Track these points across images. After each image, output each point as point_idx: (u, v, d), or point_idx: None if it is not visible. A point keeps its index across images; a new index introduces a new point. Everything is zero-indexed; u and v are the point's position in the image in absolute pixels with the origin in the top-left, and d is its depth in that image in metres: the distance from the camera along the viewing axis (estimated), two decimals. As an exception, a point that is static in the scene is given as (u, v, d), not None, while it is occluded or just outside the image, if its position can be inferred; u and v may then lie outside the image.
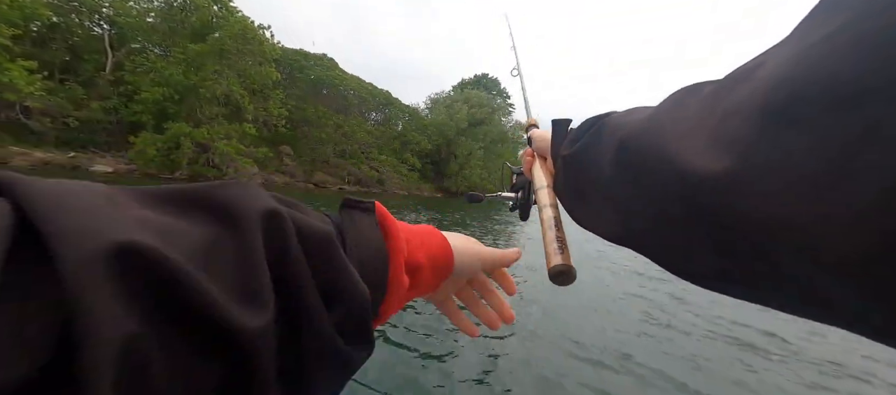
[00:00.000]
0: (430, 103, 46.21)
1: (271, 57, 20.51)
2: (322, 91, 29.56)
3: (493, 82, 52.86)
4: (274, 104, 21.44)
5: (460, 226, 13.12)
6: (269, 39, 21.05)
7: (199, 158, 18.17)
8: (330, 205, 2.79)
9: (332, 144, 27.58)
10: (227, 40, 17.83)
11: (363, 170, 28.86)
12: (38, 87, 13.96)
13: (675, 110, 0.26)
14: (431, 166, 39.05)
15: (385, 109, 36.97)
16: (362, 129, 30.30)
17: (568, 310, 5.01)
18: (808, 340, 4.71)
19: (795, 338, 4.68)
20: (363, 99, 32.31)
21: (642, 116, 0.30)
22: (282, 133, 23.25)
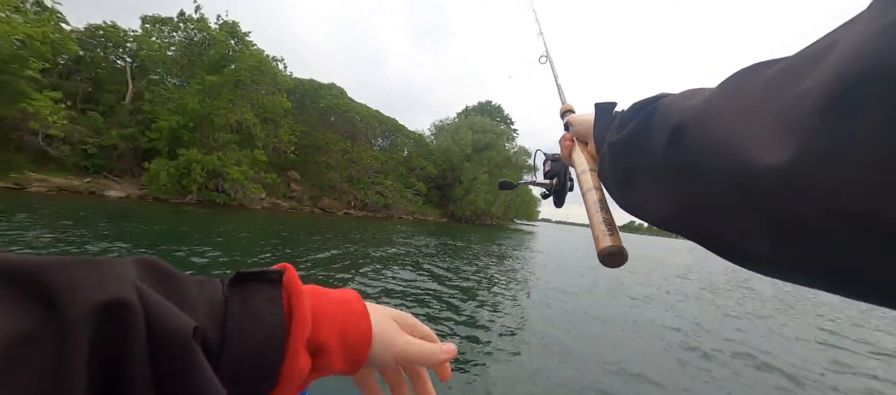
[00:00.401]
0: (436, 129, 47.16)
1: (284, 87, 21.31)
2: (331, 118, 30.39)
3: (496, 109, 54.07)
4: (284, 131, 22.08)
5: (464, 251, 13.09)
6: (282, 71, 21.95)
7: (209, 183, 18.56)
8: (333, 230, 2.97)
9: (339, 170, 28.05)
10: (242, 72, 18.65)
11: (369, 195, 29.13)
12: (62, 116, 14.58)
13: (736, 94, 0.24)
14: (437, 191, 39.35)
15: (392, 136, 37.77)
16: (369, 154, 30.86)
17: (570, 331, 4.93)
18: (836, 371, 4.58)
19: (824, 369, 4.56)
20: (370, 125, 33.10)
21: (699, 99, 0.28)
22: (291, 159, 23.78)
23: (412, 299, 5.88)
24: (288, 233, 12.00)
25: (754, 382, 4.14)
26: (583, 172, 0.51)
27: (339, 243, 10.92)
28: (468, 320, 5.18)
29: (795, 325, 7.04)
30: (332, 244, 10.42)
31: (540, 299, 6.90)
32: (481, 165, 40.65)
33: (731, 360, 4.76)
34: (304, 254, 8.21)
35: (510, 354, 4.12)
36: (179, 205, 16.88)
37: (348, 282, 6.27)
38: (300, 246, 9.42)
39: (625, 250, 0.40)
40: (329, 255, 8.66)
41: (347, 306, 0.34)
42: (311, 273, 6.14)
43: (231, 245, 8.30)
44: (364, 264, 8.08)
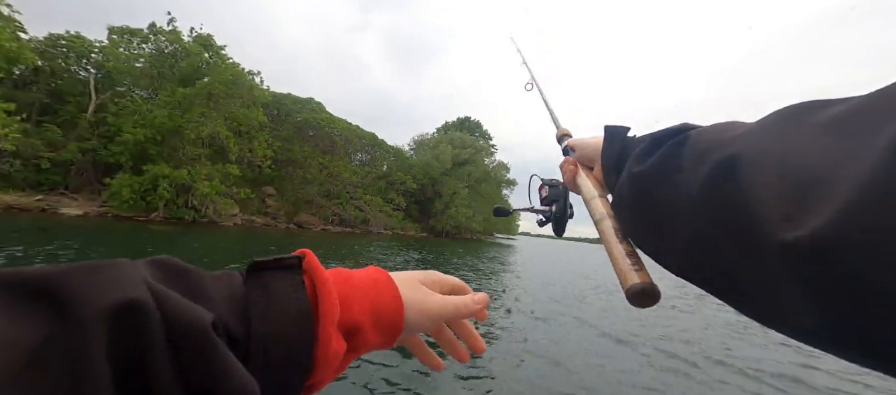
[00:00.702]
0: (415, 144, 47.38)
1: (260, 100, 20.93)
2: (309, 132, 29.97)
3: (475, 125, 55.06)
4: (259, 145, 21.55)
5: (444, 266, 13.03)
6: (259, 84, 21.60)
7: (177, 199, 17.74)
8: (308, 246, 2.96)
9: (316, 185, 27.53)
10: (216, 84, 18.20)
11: (348, 210, 28.66)
12: (15, 129, 13.66)
13: (792, 135, 0.21)
14: (416, 206, 39.23)
15: (371, 150, 37.59)
16: (348, 169, 30.51)
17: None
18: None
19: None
20: (349, 140, 32.86)
21: (742, 135, 0.25)
22: (266, 174, 23.16)
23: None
24: (260, 249, 11.59)
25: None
26: (592, 199, 0.48)
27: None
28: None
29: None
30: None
31: (528, 313, 6.94)
32: (461, 179, 40.99)
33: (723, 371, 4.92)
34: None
35: (507, 367, 4.11)
36: (144, 223, 16.00)
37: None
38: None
39: (656, 287, 0.35)
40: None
41: (374, 282, 0.34)
42: None
43: (195, 264, 7.79)
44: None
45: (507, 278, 11.84)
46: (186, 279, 0.24)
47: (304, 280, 0.28)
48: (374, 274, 0.35)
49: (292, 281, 0.28)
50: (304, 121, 28.26)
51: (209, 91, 18.19)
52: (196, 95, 18.22)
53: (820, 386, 4.48)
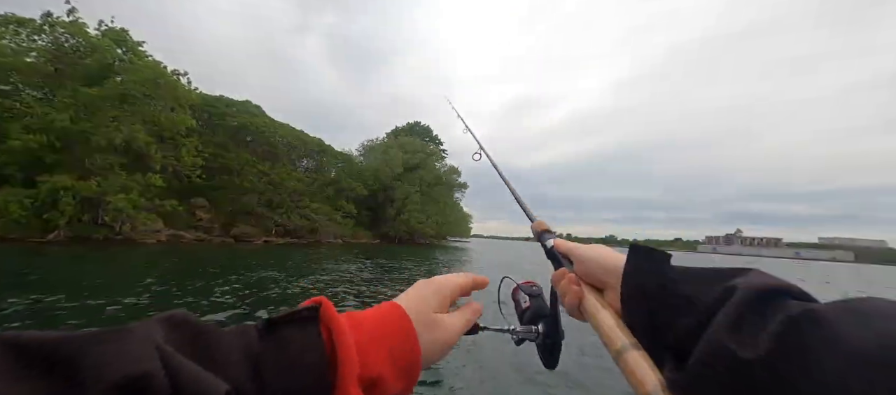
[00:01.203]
0: (365, 150, 46.32)
1: (187, 103, 19.01)
2: (246, 138, 27.86)
3: (425, 130, 55.32)
4: (187, 152, 19.52)
5: (397, 272, 12.88)
6: (185, 85, 19.62)
7: (83, 214, 15.41)
8: (246, 261, 2.78)
9: (256, 194, 25.65)
10: (131, 85, 16.18)
11: (293, 220, 27.08)
12: None
13: None
14: (368, 213, 38.29)
15: (317, 156, 35.98)
16: (292, 177, 28.87)
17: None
18: None
19: None
20: (293, 146, 31.14)
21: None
22: (196, 184, 21.04)
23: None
24: (187, 268, 10.47)
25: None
26: (610, 329, 0.38)
27: (252, 274, 9.88)
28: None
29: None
30: (241, 277, 9.37)
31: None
32: (413, 184, 40.86)
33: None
34: (202, 292, 7.14)
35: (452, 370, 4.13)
36: (40, 244, 13.65)
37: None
38: (198, 282, 8.22)
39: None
40: (232, 289, 7.75)
41: (390, 326, 0.32)
42: (208, 316, 5.38)
43: (101, 291, 6.49)
44: (279, 298, 7.43)
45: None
46: (202, 341, 0.23)
47: (321, 332, 0.27)
48: (388, 314, 0.33)
49: (309, 337, 0.27)
50: (241, 125, 26.23)
51: (122, 92, 16.11)
52: (106, 96, 16.02)
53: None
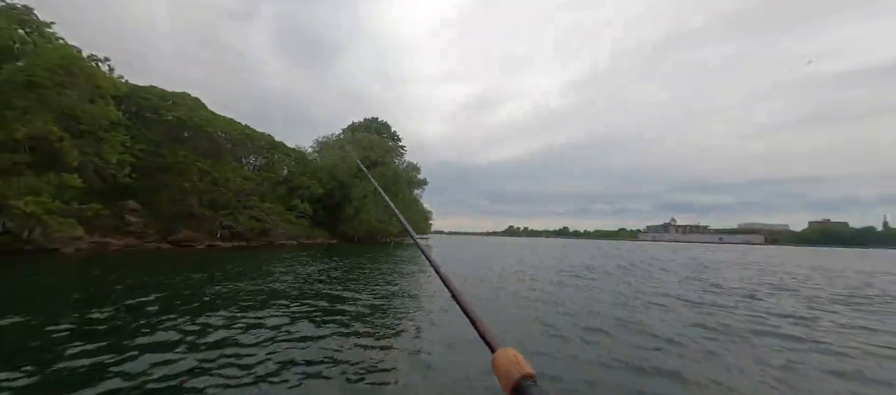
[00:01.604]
0: (319, 146, 44.41)
1: (109, 93, 16.89)
2: (184, 134, 25.40)
3: (383, 126, 54.18)
4: (111, 149, 17.35)
5: (358, 270, 12.56)
6: (105, 73, 17.40)
7: (-21, 223, 13.13)
8: (184, 268, 2.64)
9: (198, 195, 23.54)
10: (38, 71, 14.04)
11: (242, 221, 25.25)
12: None
13: None
14: (325, 212, 36.77)
15: (267, 153, 33.80)
16: (239, 175, 26.88)
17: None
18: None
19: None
20: (239, 142, 28.97)
21: None
22: (127, 185, 18.81)
23: (297, 339, 5.31)
24: (111, 280, 9.37)
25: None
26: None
27: (183, 283, 9.10)
28: (372, 337, 4.95)
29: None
30: (173, 287, 8.59)
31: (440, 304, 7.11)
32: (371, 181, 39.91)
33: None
34: (127, 308, 6.41)
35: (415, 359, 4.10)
36: (-84, 258, 11.42)
37: (195, 338, 5.26)
38: (122, 298, 7.40)
39: None
40: (154, 299, 7.09)
41: None
42: (129, 340, 4.50)
43: (5, 310, 5.37)
44: (223, 307, 6.94)
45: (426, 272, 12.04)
46: None
47: None
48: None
49: None
50: (178, 120, 23.86)
51: (27, 79, 13.93)
52: (5, 83, 13.74)
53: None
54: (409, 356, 4.26)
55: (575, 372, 3.85)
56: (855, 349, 4.89)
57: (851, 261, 27.97)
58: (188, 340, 4.51)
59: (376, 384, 3.51)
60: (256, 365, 3.83)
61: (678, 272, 14.86)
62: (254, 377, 3.54)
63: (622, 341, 4.98)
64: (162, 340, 4.48)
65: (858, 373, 4.06)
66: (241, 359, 3.97)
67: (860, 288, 11.32)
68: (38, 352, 3.96)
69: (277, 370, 3.72)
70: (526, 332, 5.37)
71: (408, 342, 4.78)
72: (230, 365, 3.79)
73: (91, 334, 4.62)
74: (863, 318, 6.92)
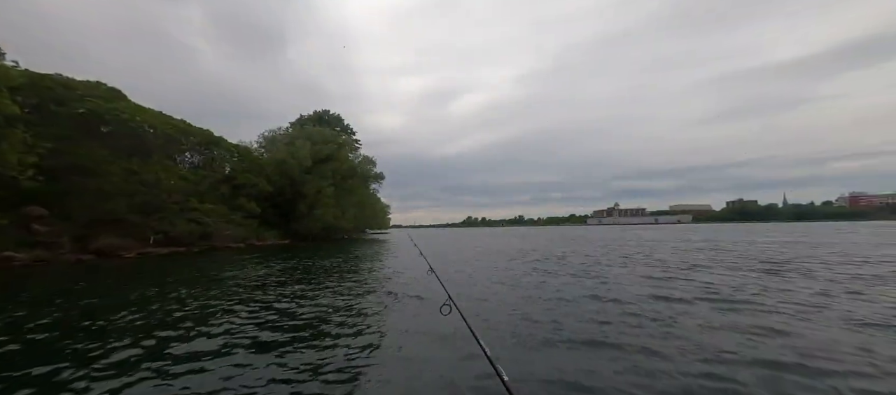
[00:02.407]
0: (265, 142, 41.68)
1: (4, 83, 14.44)
2: (101, 129, 22.47)
3: (335, 118, 52.12)
4: (10, 148, 14.88)
5: (315, 270, 12.18)
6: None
7: None
8: (100, 283, 2.61)
9: (123, 198, 21.04)
10: None
11: (179, 225, 23.08)
12: None
13: None
14: (274, 210, 34.74)
15: (205, 151, 31.05)
16: (173, 174, 24.47)
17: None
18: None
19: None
20: (171, 138, 26.29)
21: None
22: (31, 188, 16.29)
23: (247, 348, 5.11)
24: (14, 300, 8.24)
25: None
26: None
27: (101, 300, 8.31)
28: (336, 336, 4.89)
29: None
30: (84, 303, 7.83)
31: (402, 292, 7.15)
32: (325, 177, 38.37)
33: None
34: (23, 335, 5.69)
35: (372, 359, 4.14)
36: None
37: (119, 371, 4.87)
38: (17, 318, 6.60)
39: None
40: (59, 321, 6.46)
41: None
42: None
43: None
44: (146, 330, 6.47)
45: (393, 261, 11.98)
46: None
47: None
48: None
49: None
50: (93, 113, 21.06)
51: None
52: None
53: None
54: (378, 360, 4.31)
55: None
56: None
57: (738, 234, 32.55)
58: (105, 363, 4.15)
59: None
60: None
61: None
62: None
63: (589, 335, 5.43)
64: (64, 370, 4.08)
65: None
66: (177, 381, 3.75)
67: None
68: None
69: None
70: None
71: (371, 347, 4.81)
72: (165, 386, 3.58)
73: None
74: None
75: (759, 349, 3.91)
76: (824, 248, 16.13)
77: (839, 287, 7.16)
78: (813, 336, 4.32)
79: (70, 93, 20.40)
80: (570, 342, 4.24)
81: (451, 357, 3.83)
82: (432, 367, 3.65)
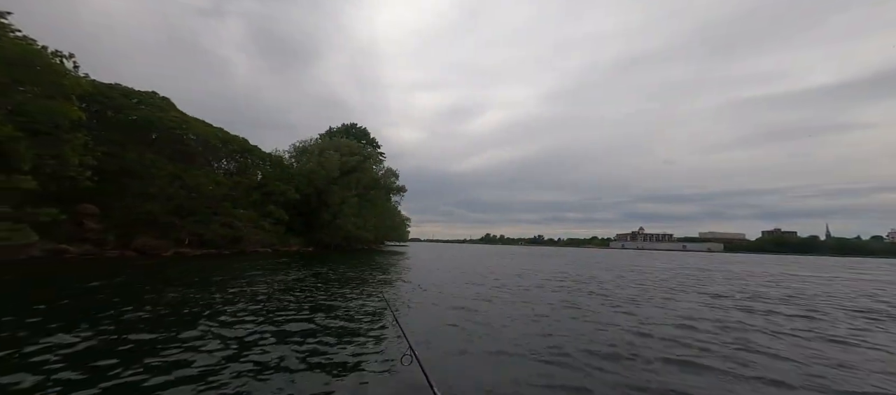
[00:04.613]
0: (296, 152, 43.38)
1: (74, 91, 15.90)
2: (151, 136, 24.19)
3: (362, 132, 53.76)
4: (72, 150, 16.26)
5: (338, 280, 12.42)
6: (70, 70, 16.40)
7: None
8: (138, 279, 2.87)
9: (163, 200, 22.37)
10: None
11: (213, 228, 24.20)
12: None
13: None
14: (300, 219, 35.85)
15: (240, 158, 32.69)
16: (210, 180, 25.82)
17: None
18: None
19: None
20: (211, 146, 27.89)
21: None
22: (87, 188, 17.64)
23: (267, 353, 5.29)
24: (68, 289, 8.83)
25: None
26: None
27: (137, 294, 8.75)
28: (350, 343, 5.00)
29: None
30: (119, 300, 8.26)
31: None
32: (349, 188, 39.37)
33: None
34: (67, 320, 6.02)
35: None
36: None
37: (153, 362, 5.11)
38: (78, 305, 7.06)
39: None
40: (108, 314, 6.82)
41: None
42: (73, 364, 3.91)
43: None
44: (188, 317, 6.77)
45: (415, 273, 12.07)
46: None
47: None
48: None
49: None
50: (145, 120, 22.73)
51: (-22, 73, 12.91)
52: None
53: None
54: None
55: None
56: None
57: (829, 269, 29.53)
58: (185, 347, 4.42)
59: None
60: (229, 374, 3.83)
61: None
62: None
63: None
64: (147, 348, 4.36)
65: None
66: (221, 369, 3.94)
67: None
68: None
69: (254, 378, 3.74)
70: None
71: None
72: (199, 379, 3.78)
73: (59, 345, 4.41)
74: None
75: None
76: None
77: None
78: None
79: (127, 101, 22.12)
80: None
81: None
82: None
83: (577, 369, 4.24)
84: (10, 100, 13.87)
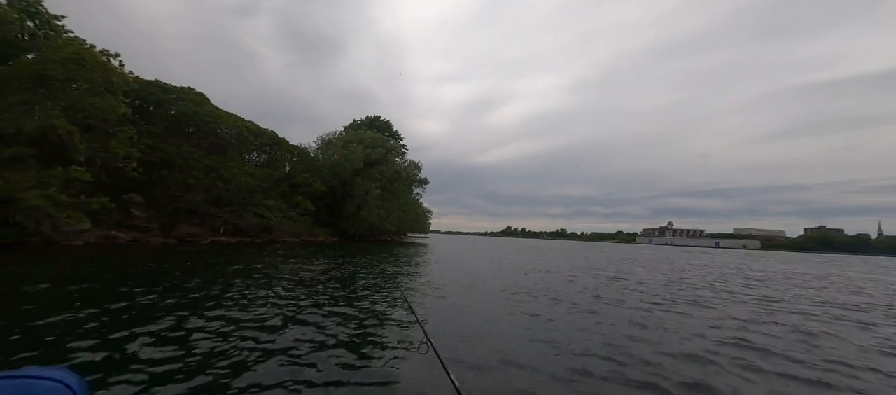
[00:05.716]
0: (322, 144, 44.40)
1: (121, 88, 16.90)
2: (188, 129, 25.42)
3: (385, 124, 54.28)
4: (120, 143, 17.36)
5: (365, 268, 12.71)
6: (118, 68, 17.41)
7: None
8: (184, 264, 3.50)
9: (202, 190, 23.55)
10: (49, 64, 14.05)
11: (246, 218, 25.29)
12: None
13: None
14: (326, 209, 36.83)
15: (269, 150, 33.83)
16: (243, 172, 26.91)
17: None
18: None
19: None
20: (243, 139, 28.99)
21: None
22: (132, 178, 18.84)
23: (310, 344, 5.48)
24: (115, 272, 9.46)
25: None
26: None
27: (185, 278, 9.20)
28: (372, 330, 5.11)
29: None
30: (187, 280, 8.73)
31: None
32: (373, 180, 39.96)
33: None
34: (144, 300, 6.47)
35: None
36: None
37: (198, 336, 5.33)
38: (140, 287, 7.56)
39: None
40: (180, 293, 7.23)
41: None
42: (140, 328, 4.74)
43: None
44: (215, 303, 7.09)
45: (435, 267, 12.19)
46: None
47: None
48: None
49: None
50: (182, 114, 23.89)
51: (39, 73, 13.94)
52: (14, 76, 13.75)
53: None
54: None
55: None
56: None
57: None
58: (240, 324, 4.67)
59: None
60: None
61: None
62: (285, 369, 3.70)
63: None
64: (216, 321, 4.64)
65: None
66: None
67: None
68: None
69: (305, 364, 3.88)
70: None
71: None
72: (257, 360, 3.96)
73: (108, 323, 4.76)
74: None
75: None
76: None
77: None
78: None
79: (167, 96, 23.29)
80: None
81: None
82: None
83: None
84: (66, 97, 14.89)
